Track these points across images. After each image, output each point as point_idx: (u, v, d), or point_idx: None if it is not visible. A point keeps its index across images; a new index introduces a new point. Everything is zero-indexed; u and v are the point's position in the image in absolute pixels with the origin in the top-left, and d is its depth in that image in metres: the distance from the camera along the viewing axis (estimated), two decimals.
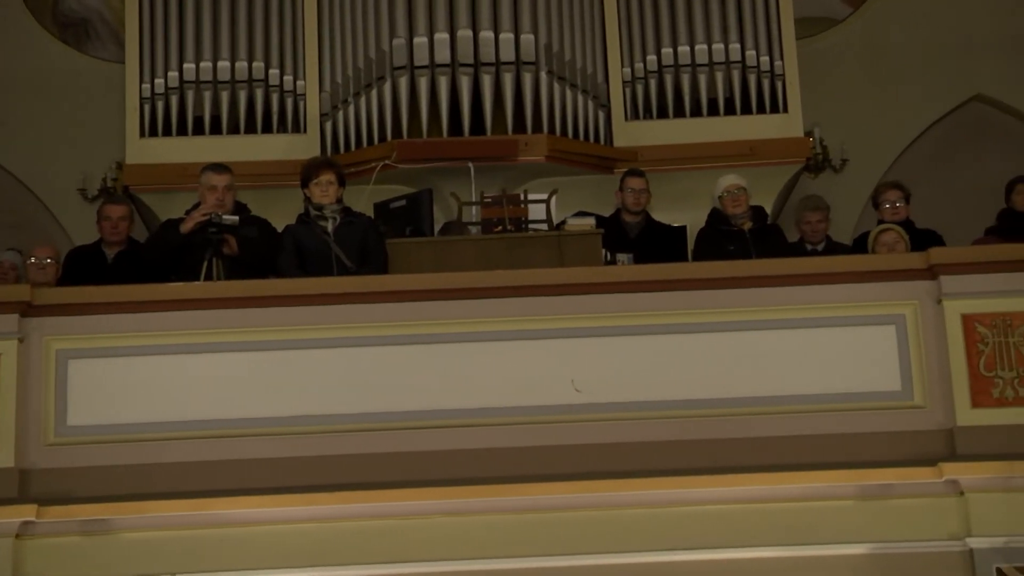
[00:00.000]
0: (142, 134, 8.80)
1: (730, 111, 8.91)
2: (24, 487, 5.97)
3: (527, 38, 8.70)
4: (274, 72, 8.86)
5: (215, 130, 8.82)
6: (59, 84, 9.48)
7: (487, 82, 8.62)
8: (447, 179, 8.28)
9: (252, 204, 7.60)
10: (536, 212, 7.52)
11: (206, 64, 8.84)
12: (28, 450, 6.03)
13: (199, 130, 8.82)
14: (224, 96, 8.82)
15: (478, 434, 6.09)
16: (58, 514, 5.95)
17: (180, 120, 8.81)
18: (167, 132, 8.79)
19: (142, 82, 8.84)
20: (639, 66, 8.95)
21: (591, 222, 7.53)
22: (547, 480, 5.98)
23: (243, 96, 8.83)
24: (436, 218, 7.97)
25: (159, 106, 8.81)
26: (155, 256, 7.26)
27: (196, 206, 7.31)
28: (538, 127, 8.63)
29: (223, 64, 8.83)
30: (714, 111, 8.92)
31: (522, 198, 7.61)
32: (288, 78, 8.87)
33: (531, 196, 7.63)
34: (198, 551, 6.00)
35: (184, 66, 8.85)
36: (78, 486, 6.00)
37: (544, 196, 7.61)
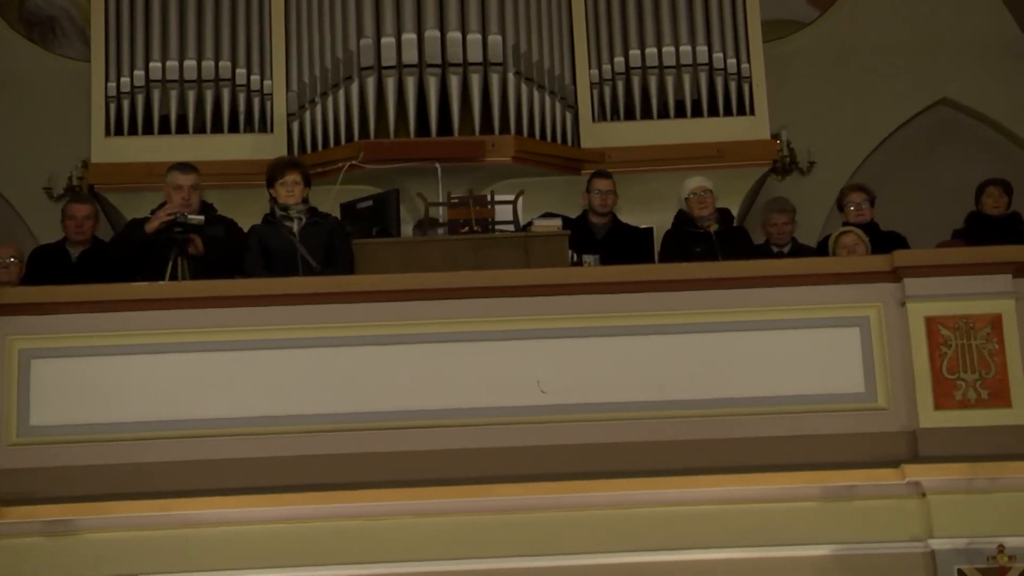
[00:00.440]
0: (108, 133, 8.76)
1: (697, 113, 8.91)
2: None
3: (495, 39, 8.69)
4: (241, 71, 8.83)
5: (181, 129, 8.78)
6: (25, 82, 9.43)
7: (454, 83, 8.61)
8: (414, 180, 8.27)
9: (219, 204, 7.58)
10: (503, 213, 7.54)
11: (172, 63, 8.80)
12: None
13: (165, 129, 8.78)
14: (191, 95, 8.78)
15: (443, 435, 6.09)
16: (21, 515, 5.92)
17: (146, 119, 8.77)
18: (133, 131, 8.75)
19: (108, 81, 8.80)
20: (607, 68, 8.95)
21: (558, 223, 7.55)
22: (512, 481, 5.98)
23: (210, 95, 8.80)
24: (403, 218, 7.98)
25: (125, 105, 8.76)
26: (120, 255, 7.23)
27: (162, 205, 7.29)
28: (505, 128, 8.63)
29: (190, 63, 8.79)
30: (681, 113, 8.93)
31: (489, 199, 7.63)
32: (255, 78, 8.84)
33: (498, 197, 7.66)
34: (163, 552, 5.98)
35: (150, 65, 8.80)
36: (41, 486, 5.97)
37: (511, 197, 7.63)
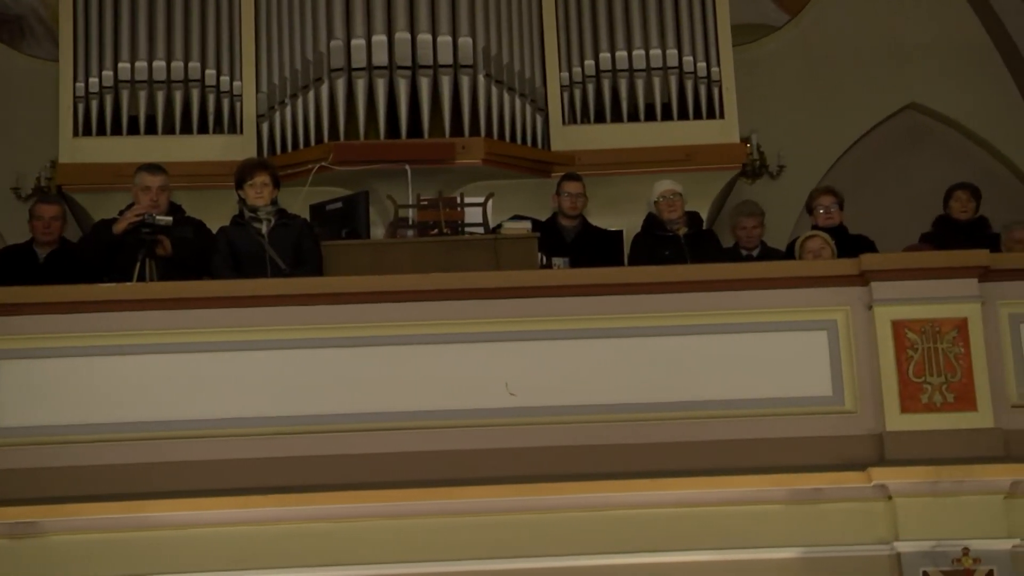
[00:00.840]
0: (76, 133, 8.71)
1: (667, 116, 8.92)
2: None
3: (465, 41, 8.69)
4: (210, 72, 8.79)
5: (150, 130, 8.74)
6: None
7: (425, 85, 8.60)
8: (384, 181, 8.26)
9: (188, 205, 7.56)
10: (472, 215, 7.53)
11: (141, 64, 8.76)
12: None
13: (134, 130, 8.74)
14: (160, 96, 8.74)
15: (411, 437, 6.09)
16: None
17: (115, 120, 8.72)
18: (101, 132, 8.70)
19: (76, 81, 8.75)
20: (577, 70, 8.96)
21: (527, 226, 7.54)
22: (480, 483, 5.98)
23: (179, 96, 8.76)
24: (372, 220, 7.96)
25: (93, 105, 8.72)
26: (87, 256, 7.20)
27: (130, 206, 7.27)
28: (475, 130, 8.62)
29: (159, 64, 8.75)
30: (651, 116, 8.94)
31: (459, 201, 7.61)
32: (225, 78, 8.80)
33: (468, 199, 7.64)
34: (129, 554, 5.96)
35: (119, 65, 8.75)
36: (6, 488, 5.94)
37: (481, 199, 7.62)
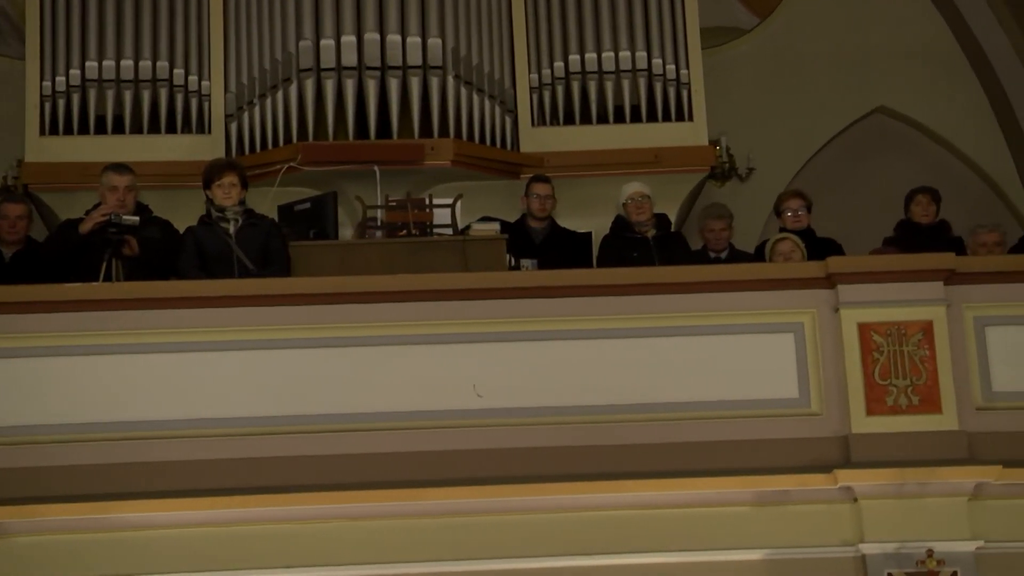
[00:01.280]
0: (42, 132, 8.66)
1: (636, 119, 8.93)
2: None
3: (434, 42, 8.68)
4: (179, 72, 8.76)
5: (118, 129, 8.69)
6: None
7: (394, 86, 8.59)
8: (352, 182, 8.24)
9: (155, 205, 7.53)
10: (441, 216, 7.52)
11: (109, 63, 8.72)
12: None
13: (101, 129, 8.70)
14: (127, 95, 8.70)
15: (377, 439, 6.08)
16: None
17: (82, 119, 8.68)
18: (68, 131, 8.66)
19: (43, 80, 8.70)
20: (546, 72, 8.96)
21: (496, 227, 7.55)
22: (447, 485, 5.98)
23: (147, 96, 8.72)
24: (341, 221, 7.94)
25: (60, 104, 8.67)
26: (53, 256, 7.17)
27: (97, 206, 7.24)
28: (444, 132, 8.61)
29: (126, 63, 8.71)
30: (620, 118, 8.94)
31: (427, 202, 7.61)
32: (193, 78, 8.78)
33: (436, 200, 7.64)
34: (94, 556, 5.94)
35: (87, 64, 8.71)
36: None
37: (449, 201, 7.62)
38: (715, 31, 10.16)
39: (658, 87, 8.94)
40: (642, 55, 8.97)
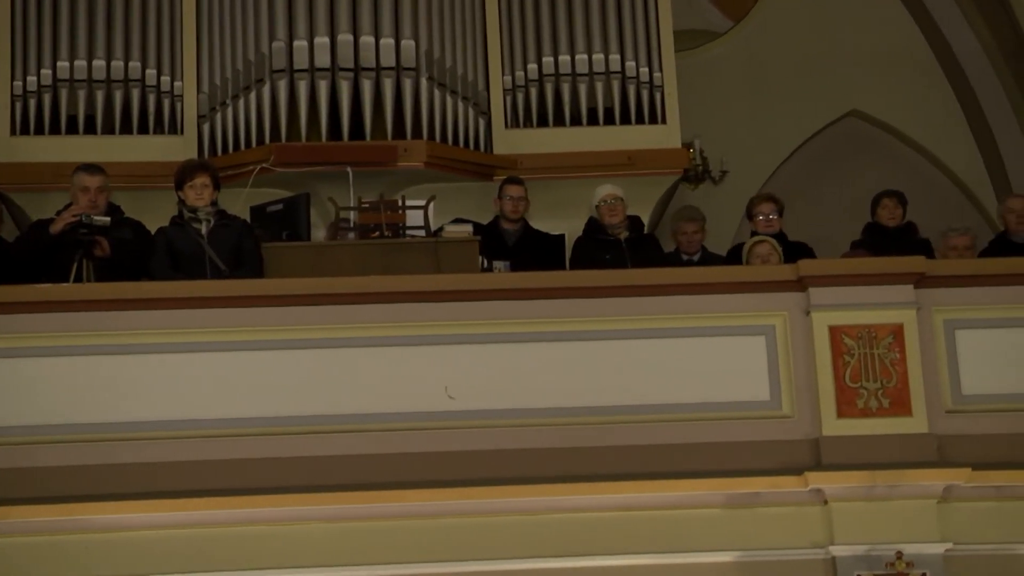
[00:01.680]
0: (13, 132, 8.60)
1: (609, 121, 8.94)
2: None
3: (408, 44, 8.67)
4: (151, 72, 8.72)
5: (89, 130, 8.65)
6: None
7: (367, 87, 8.58)
8: (325, 184, 8.22)
9: (127, 206, 7.49)
10: (414, 218, 7.52)
11: (81, 62, 8.68)
12: None
13: (73, 129, 8.66)
14: (99, 95, 8.66)
15: (349, 440, 6.07)
16: None
17: (53, 119, 8.64)
18: (40, 131, 8.61)
19: (14, 79, 8.65)
20: (520, 74, 8.95)
21: (468, 229, 7.55)
22: (419, 487, 5.97)
23: (119, 96, 8.68)
24: (314, 223, 7.92)
25: (32, 104, 8.63)
26: (24, 256, 7.12)
27: (68, 207, 7.20)
28: (418, 133, 8.60)
29: (98, 63, 8.67)
30: (594, 121, 8.95)
31: (400, 204, 7.60)
32: (165, 78, 8.74)
33: (409, 202, 7.63)
34: (63, 557, 5.91)
35: (58, 64, 8.66)
36: None
37: (422, 202, 7.61)
38: (689, 34, 10.20)
39: (631, 90, 8.94)
40: (615, 58, 8.97)
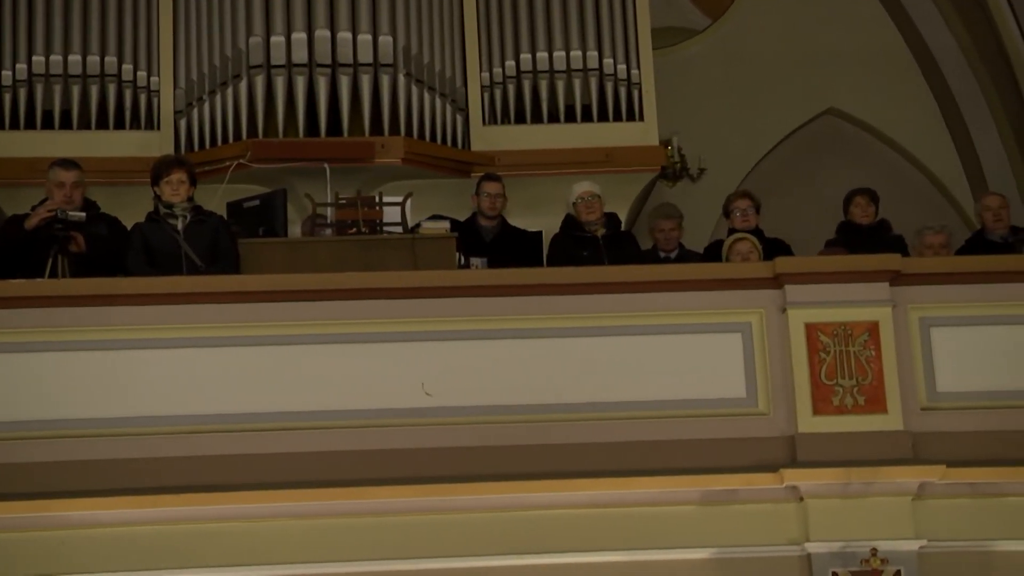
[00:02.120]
0: None
1: (587, 118, 8.94)
2: None
3: (385, 40, 8.66)
4: (127, 67, 8.71)
5: (65, 125, 8.63)
6: None
7: (345, 83, 8.57)
8: (303, 180, 8.20)
9: (103, 201, 7.47)
10: (391, 214, 7.50)
11: (56, 57, 8.65)
12: None
13: (48, 124, 8.64)
14: (75, 90, 8.64)
15: (325, 437, 6.06)
16: None
17: (29, 114, 8.62)
18: (15, 125, 8.59)
19: None
20: (498, 71, 8.96)
21: (446, 225, 7.53)
22: (393, 483, 5.96)
23: (95, 91, 8.66)
24: (291, 219, 7.90)
25: (7, 99, 8.59)
26: None
27: (43, 202, 7.17)
28: (395, 130, 8.60)
29: (74, 58, 8.65)
30: (571, 117, 8.96)
31: (377, 200, 7.58)
32: (142, 74, 8.72)
33: (386, 198, 7.61)
34: (33, 554, 5.88)
35: (33, 59, 8.64)
36: None
37: (399, 199, 7.59)
38: (667, 31, 10.21)
39: (609, 87, 8.95)
40: (593, 55, 8.98)
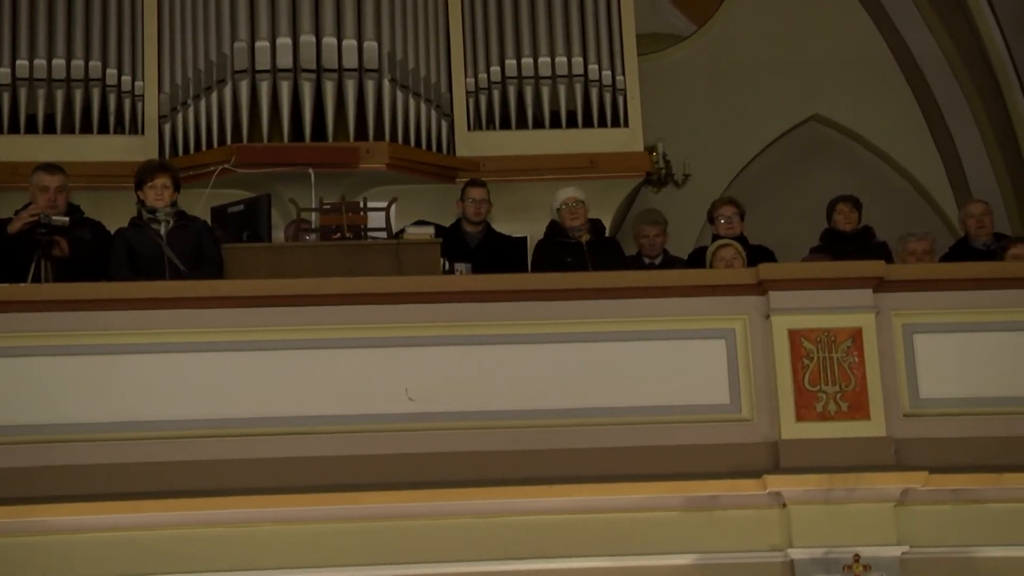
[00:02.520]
0: None
1: (572, 124, 8.96)
2: None
3: (370, 45, 8.66)
4: (112, 72, 8.70)
5: (49, 129, 8.62)
6: None
7: (329, 88, 8.57)
8: (287, 185, 8.20)
9: (87, 206, 7.46)
10: (375, 220, 7.48)
11: (40, 61, 8.64)
12: None
13: (32, 128, 8.62)
14: (59, 95, 8.62)
15: (310, 442, 6.05)
16: None
17: (12, 118, 8.59)
18: None
19: None
20: (483, 76, 8.96)
21: (430, 231, 7.52)
22: (378, 489, 5.96)
23: (79, 95, 8.65)
24: (275, 224, 7.89)
25: None
26: None
27: (27, 206, 7.15)
28: (380, 135, 8.59)
29: (58, 62, 8.64)
30: (556, 123, 8.97)
31: (362, 205, 7.57)
32: (126, 78, 8.71)
33: (371, 204, 7.60)
34: (18, 559, 5.86)
35: (17, 62, 8.62)
36: None
37: (384, 204, 7.59)
38: (652, 37, 10.22)
39: (594, 93, 8.96)
40: (578, 60, 8.99)
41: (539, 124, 8.95)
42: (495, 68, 8.98)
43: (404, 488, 5.97)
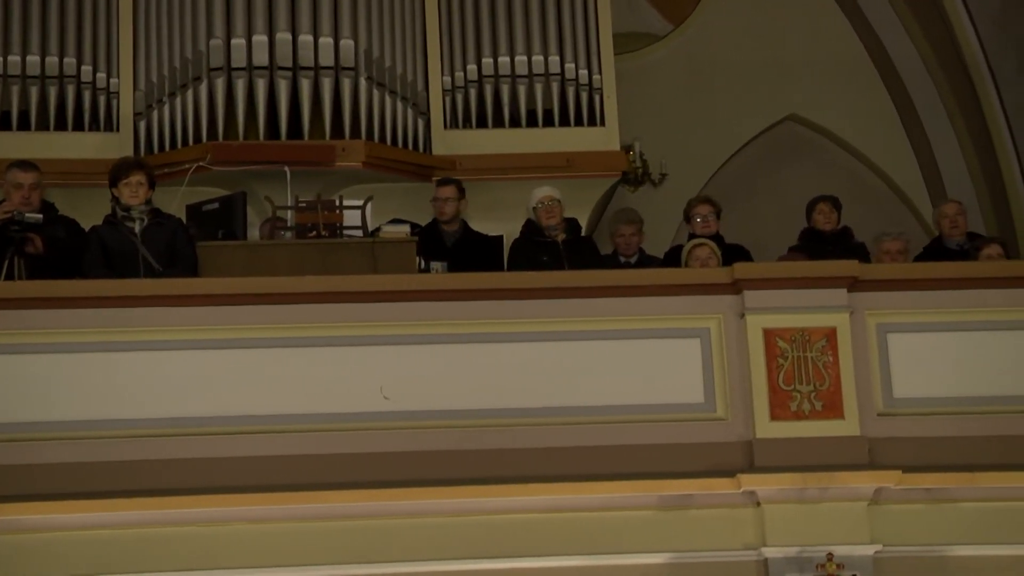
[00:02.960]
0: None
1: (548, 123, 8.97)
2: None
3: (347, 43, 8.66)
4: (87, 69, 8.69)
5: (23, 126, 8.61)
6: None
7: (305, 86, 8.56)
8: (263, 183, 8.18)
9: (61, 203, 7.44)
10: (351, 218, 7.47)
11: (14, 58, 8.62)
12: None
13: (6, 125, 8.61)
14: (33, 91, 8.60)
15: (284, 440, 6.04)
16: None
17: None
18: None
19: None
20: (459, 75, 8.97)
21: (406, 229, 7.52)
22: (350, 488, 5.94)
23: (53, 92, 8.63)
24: (250, 222, 7.88)
25: None
26: None
27: (1, 203, 7.12)
28: (356, 133, 8.59)
29: (32, 59, 8.62)
30: (532, 122, 8.99)
31: (337, 203, 7.56)
32: (101, 75, 8.70)
33: (347, 202, 7.59)
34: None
35: None
36: None
37: (360, 202, 7.57)
38: (629, 37, 10.23)
39: (570, 92, 8.97)
40: (555, 59, 9.00)
41: (515, 123, 8.97)
42: (472, 66, 8.99)
43: (379, 487, 5.96)
